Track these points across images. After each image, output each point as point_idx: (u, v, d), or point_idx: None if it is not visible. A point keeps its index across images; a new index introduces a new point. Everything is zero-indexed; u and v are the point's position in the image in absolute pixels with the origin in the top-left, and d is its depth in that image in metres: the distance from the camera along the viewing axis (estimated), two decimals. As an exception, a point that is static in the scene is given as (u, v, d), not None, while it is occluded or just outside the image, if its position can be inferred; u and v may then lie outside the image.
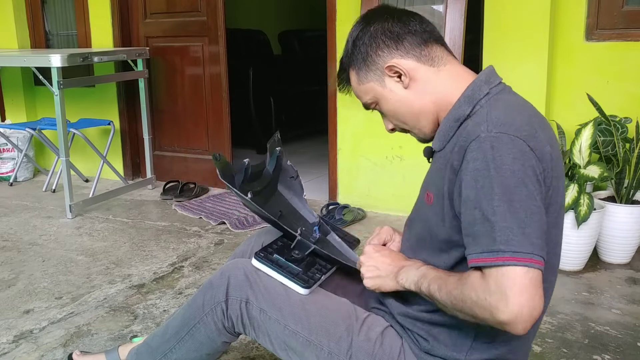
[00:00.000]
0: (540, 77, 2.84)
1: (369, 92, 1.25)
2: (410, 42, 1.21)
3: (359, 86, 1.27)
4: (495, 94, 1.18)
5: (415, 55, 1.21)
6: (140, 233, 3.11)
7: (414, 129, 1.27)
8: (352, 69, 1.26)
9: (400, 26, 1.21)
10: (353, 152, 3.41)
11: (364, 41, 1.23)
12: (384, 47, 1.21)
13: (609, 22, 2.78)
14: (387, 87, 1.22)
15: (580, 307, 2.19)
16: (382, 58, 1.21)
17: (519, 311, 0.96)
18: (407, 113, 1.23)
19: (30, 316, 2.21)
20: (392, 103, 1.23)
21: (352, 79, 1.28)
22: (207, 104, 3.91)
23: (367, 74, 1.24)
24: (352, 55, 1.25)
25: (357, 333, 1.23)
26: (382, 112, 1.28)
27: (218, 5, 3.71)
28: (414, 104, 1.22)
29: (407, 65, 1.20)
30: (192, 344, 1.36)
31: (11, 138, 4.11)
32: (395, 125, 1.28)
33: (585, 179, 2.40)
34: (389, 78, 1.22)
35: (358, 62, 1.24)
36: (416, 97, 1.21)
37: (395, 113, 1.25)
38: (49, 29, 4.46)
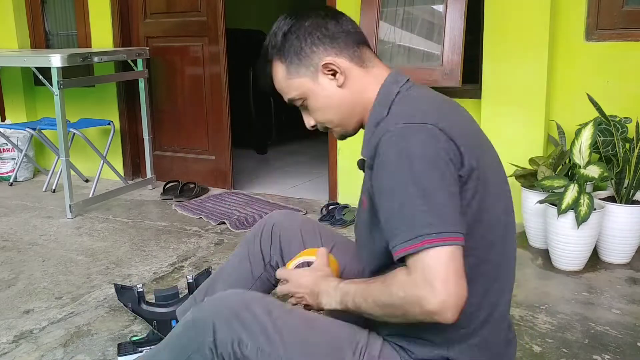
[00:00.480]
0: (540, 77, 2.84)
1: (299, 87, 1.25)
2: (345, 42, 1.23)
3: (288, 81, 1.25)
4: (406, 90, 1.20)
5: (348, 55, 1.23)
6: (140, 233, 3.11)
7: (337, 127, 1.28)
8: (280, 62, 1.25)
9: (335, 24, 1.23)
10: (353, 152, 3.39)
11: (298, 35, 1.22)
12: (320, 44, 1.22)
13: (609, 22, 2.78)
14: (320, 83, 1.23)
15: (580, 307, 2.19)
16: (317, 54, 1.22)
17: (446, 300, 0.98)
18: (336, 111, 1.25)
19: (30, 316, 2.21)
20: (323, 99, 1.24)
21: (279, 72, 1.26)
22: (207, 104, 3.91)
23: (298, 68, 1.23)
24: (283, 48, 1.23)
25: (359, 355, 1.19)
26: (307, 108, 1.28)
27: (218, 5, 3.71)
28: (344, 102, 1.24)
29: (342, 63, 1.22)
30: None
31: (11, 138, 4.11)
32: (319, 122, 1.29)
33: (585, 179, 2.40)
34: (323, 75, 1.22)
35: (289, 56, 1.23)
36: (347, 96, 1.23)
37: (323, 110, 1.26)
38: (49, 29, 4.46)
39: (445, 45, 2.95)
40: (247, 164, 4.69)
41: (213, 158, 3.95)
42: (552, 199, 2.47)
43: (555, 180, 2.47)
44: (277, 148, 5.26)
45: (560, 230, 2.46)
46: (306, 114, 1.31)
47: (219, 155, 3.92)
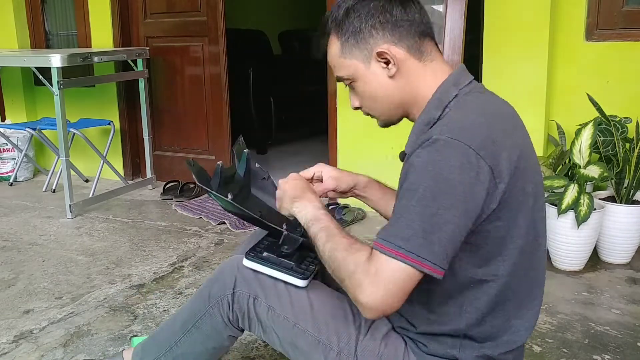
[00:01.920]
0: (540, 77, 2.84)
1: (349, 68, 1.19)
2: (407, 31, 1.16)
3: (340, 59, 1.20)
4: (463, 95, 1.15)
5: (408, 46, 1.16)
6: (140, 233, 3.11)
7: (382, 116, 1.25)
8: (337, 38, 1.19)
9: (401, 11, 1.16)
10: (353, 152, 3.40)
11: (360, 14, 1.16)
12: (380, 29, 1.15)
13: (609, 22, 2.78)
14: (372, 69, 1.18)
15: (580, 307, 2.19)
16: (374, 39, 1.15)
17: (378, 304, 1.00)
18: (383, 100, 1.20)
19: (30, 316, 2.21)
20: (372, 87, 1.19)
21: (333, 47, 1.20)
22: (207, 104, 3.91)
23: (353, 49, 1.17)
24: (342, 25, 1.17)
25: (364, 333, 1.23)
26: (355, 89, 1.23)
27: (218, 5, 3.71)
28: (393, 93, 1.19)
29: (399, 54, 1.16)
30: (198, 337, 1.34)
31: (11, 138, 4.11)
32: (364, 106, 1.24)
33: (585, 179, 2.40)
34: (376, 62, 1.17)
35: (347, 34, 1.17)
36: (397, 88, 1.18)
37: (370, 97, 1.21)
38: (49, 29, 4.45)
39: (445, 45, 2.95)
40: (247, 164, 4.68)
41: (213, 158, 3.94)
42: (552, 199, 2.47)
43: (555, 180, 2.47)
44: (277, 148, 5.25)
45: (560, 230, 2.46)
46: (353, 95, 1.25)
47: (219, 155, 3.92)
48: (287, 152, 5.15)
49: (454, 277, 1.10)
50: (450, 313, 1.15)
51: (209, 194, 1.35)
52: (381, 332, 1.24)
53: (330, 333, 1.22)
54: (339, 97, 3.35)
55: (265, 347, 1.92)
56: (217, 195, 1.32)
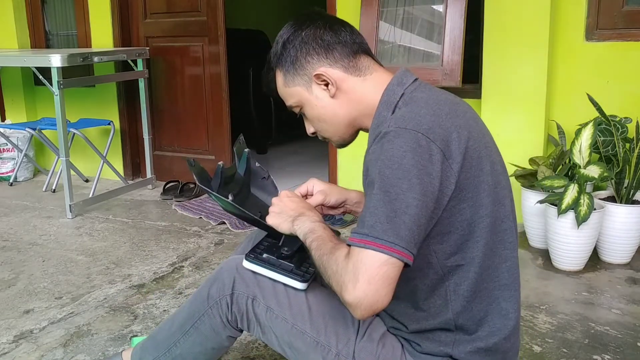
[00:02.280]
0: (540, 77, 2.84)
1: (294, 95, 1.28)
2: (340, 52, 1.24)
3: (285, 88, 1.29)
4: (410, 92, 1.19)
5: (343, 66, 1.24)
6: (140, 233, 3.11)
7: (334, 136, 1.31)
8: (279, 70, 1.28)
9: (332, 35, 1.24)
10: (353, 152, 3.40)
11: (294, 45, 1.24)
12: (314, 54, 1.24)
13: (609, 22, 2.78)
14: (314, 93, 1.25)
15: (580, 307, 2.19)
16: (311, 65, 1.24)
17: (362, 298, 1.00)
18: (331, 120, 1.27)
19: (30, 316, 2.21)
20: (317, 109, 1.26)
21: (279, 79, 1.29)
22: (207, 104, 3.91)
23: (295, 77, 1.26)
24: (281, 57, 1.26)
25: (362, 335, 1.24)
26: (306, 116, 1.31)
27: (218, 5, 3.71)
28: (338, 112, 1.25)
29: (335, 75, 1.23)
30: (197, 337, 1.35)
31: (11, 138, 4.11)
32: (317, 130, 1.31)
33: (585, 179, 2.40)
34: (316, 85, 1.24)
35: (286, 65, 1.26)
36: (341, 106, 1.25)
37: (319, 119, 1.28)
38: (49, 29, 4.46)
39: (445, 45, 2.95)
40: (247, 164, 4.69)
41: (213, 158, 3.94)
42: (552, 199, 2.47)
43: (555, 180, 2.47)
44: (277, 148, 5.26)
45: (560, 230, 2.46)
46: (306, 122, 1.33)
47: (219, 155, 3.92)
48: (287, 152, 5.15)
49: (433, 269, 1.14)
50: (437, 305, 1.17)
51: (209, 194, 1.35)
52: (379, 333, 1.25)
53: (329, 334, 1.23)
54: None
55: (265, 347, 1.92)
56: (217, 196, 1.32)
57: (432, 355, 1.20)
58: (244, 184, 1.55)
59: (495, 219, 1.15)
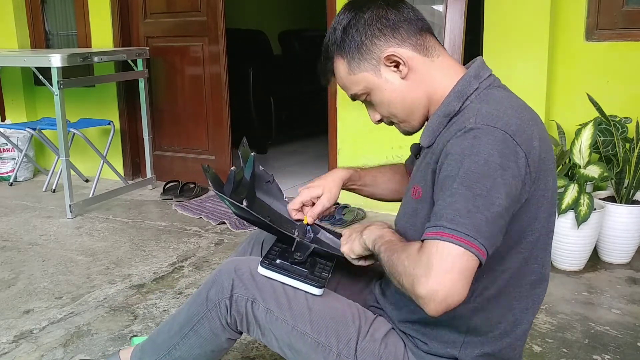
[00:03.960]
0: (540, 77, 2.84)
1: (361, 82, 1.21)
2: (407, 30, 1.17)
3: (350, 76, 1.22)
4: (484, 88, 1.16)
5: (411, 44, 1.17)
6: (140, 233, 3.11)
7: (403, 122, 1.24)
8: (341, 58, 1.21)
9: (396, 13, 1.18)
10: (353, 152, 3.40)
11: (358, 29, 1.18)
12: (381, 36, 1.17)
13: (609, 22, 2.78)
14: (383, 76, 1.19)
15: (580, 307, 2.19)
16: (378, 47, 1.17)
17: (436, 290, 0.94)
18: (401, 104, 1.20)
19: (30, 316, 2.21)
20: (387, 93, 1.20)
21: (341, 68, 1.22)
22: (207, 104, 3.91)
23: (361, 63, 1.19)
24: (343, 44, 1.19)
25: (364, 335, 1.23)
26: (372, 103, 1.24)
27: (218, 5, 3.71)
28: (409, 94, 1.19)
29: (405, 53, 1.17)
30: (196, 340, 1.34)
31: (11, 138, 4.11)
32: (384, 116, 1.25)
33: (585, 179, 2.40)
34: (386, 67, 1.18)
35: (350, 51, 1.19)
36: (412, 88, 1.19)
37: (388, 104, 1.21)
38: (49, 29, 4.46)
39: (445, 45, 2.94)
40: (247, 164, 4.68)
41: (213, 158, 3.94)
42: (552, 199, 2.46)
43: (555, 180, 2.47)
44: (277, 148, 5.25)
45: (560, 230, 2.46)
46: (371, 109, 1.27)
47: (219, 155, 3.92)
48: (287, 152, 5.15)
49: None
50: None
51: (222, 199, 1.34)
52: (381, 332, 1.24)
53: (330, 335, 1.22)
54: (339, 97, 3.35)
55: (264, 347, 1.92)
56: (231, 202, 1.31)
57: (437, 356, 1.19)
58: (251, 188, 1.53)
59: (541, 235, 1.14)
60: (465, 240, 0.95)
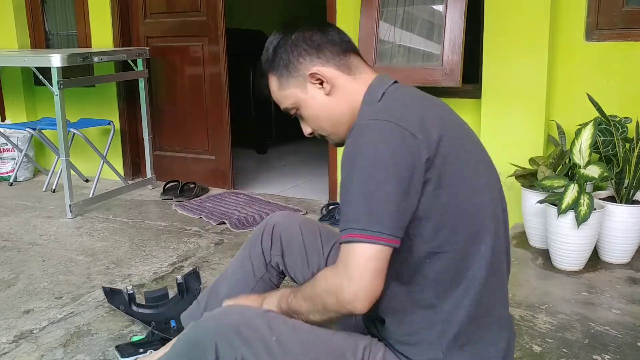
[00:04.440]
0: (540, 77, 2.84)
1: (290, 97, 1.30)
2: (330, 51, 1.27)
3: (280, 91, 1.31)
4: (390, 92, 1.22)
5: (335, 64, 1.27)
6: (140, 233, 3.11)
7: (331, 135, 1.33)
8: (272, 75, 1.31)
9: (321, 35, 1.28)
10: (353, 152, 3.40)
11: (285, 48, 1.28)
12: (306, 55, 1.27)
13: (609, 22, 2.78)
14: (309, 93, 1.28)
15: (580, 307, 2.19)
16: (304, 65, 1.27)
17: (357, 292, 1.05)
18: (327, 118, 1.29)
19: (30, 316, 2.21)
20: (314, 109, 1.29)
21: (273, 84, 1.32)
22: (207, 104, 3.91)
23: (289, 80, 1.28)
24: (273, 62, 1.29)
25: None
26: (302, 117, 1.33)
27: (218, 5, 3.71)
28: (334, 109, 1.28)
29: (329, 72, 1.26)
30: None
31: (11, 138, 4.11)
32: (314, 129, 1.33)
33: (585, 179, 2.40)
34: (311, 85, 1.27)
35: (279, 69, 1.29)
36: (336, 104, 1.27)
37: (316, 118, 1.30)
38: (49, 29, 4.46)
39: (445, 45, 2.95)
40: (247, 164, 4.69)
41: (213, 158, 3.95)
42: (552, 199, 2.47)
43: (555, 180, 2.47)
44: (277, 148, 5.26)
45: (560, 230, 2.45)
46: (303, 123, 1.35)
47: (219, 155, 3.92)
48: (287, 152, 5.15)
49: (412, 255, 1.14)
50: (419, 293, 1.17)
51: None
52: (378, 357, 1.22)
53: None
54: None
55: None
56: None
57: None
58: None
59: (474, 207, 1.16)
60: (373, 236, 1.04)
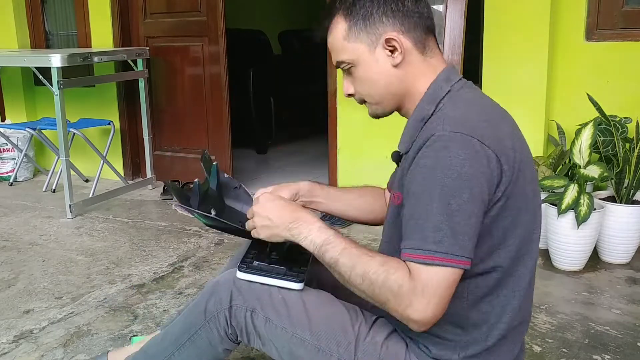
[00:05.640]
0: (540, 77, 2.84)
1: (353, 52, 1.18)
2: (416, 23, 1.17)
3: (344, 41, 1.18)
4: (456, 90, 1.16)
5: (414, 38, 1.17)
6: (140, 233, 3.11)
7: (376, 104, 1.23)
8: (344, 20, 1.18)
9: (412, 3, 1.17)
10: (353, 152, 3.40)
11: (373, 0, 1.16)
12: (391, 16, 1.15)
13: (609, 22, 2.78)
14: (376, 55, 1.17)
15: (580, 307, 2.19)
16: (384, 25, 1.15)
17: (430, 319, 1.02)
18: (382, 89, 1.20)
19: (30, 316, 2.21)
20: (373, 73, 1.18)
21: (339, 30, 1.19)
22: (207, 104, 3.91)
23: (361, 33, 1.16)
24: (353, 7, 1.17)
25: (363, 338, 1.22)
26: (354, 76, 1.22)
27: (218, 5, 3.70)
28: (394, 83, 1.19)
29: (406, 43, 1.16)
30: (193, 351, 1.32)
31: (11, 138, 4.11)
32: (359, 93, 1.23)
33: (585, 179, 2.40)
34: (382, 49, 1.17)
35: (356, 17, 1.16)
36: (398, 78, 1.18)
37: (370, 84, 1.20)
38: (49, 29, 4.46)
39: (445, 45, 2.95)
40: (247, 164, 4.69)
41: (213, 158, 3.94)
42: (552, 199, 2.47)
43: (555, 180, 2.47)
44: (277, 148, 5.26)
45: (560, 230, 2.46)
46: (348, 80, 1.24)
47: (219, 155, 3.92)
48: (287, 152, 5.15)
49: None
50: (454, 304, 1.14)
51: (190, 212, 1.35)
52: (382, 335, 1.23)
53: (330, 339, 1.21)
54: (339, 97, 3.35)
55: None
56: (199, 213, 1.32)
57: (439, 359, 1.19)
58: (219, 197, 1.54)
59: (528, 229, 1.15)
60: (455, 260, 1.01)
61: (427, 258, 1.01)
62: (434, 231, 1.01)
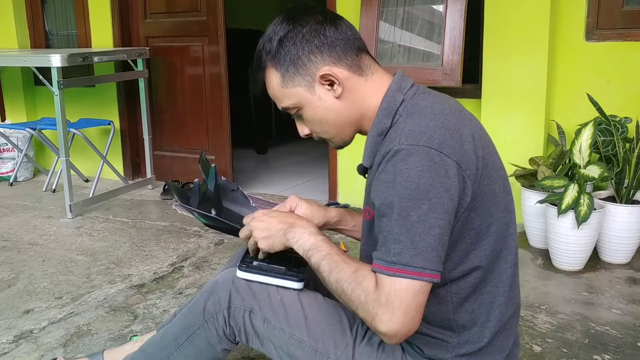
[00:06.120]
0: (540, 77, 2.84)
1: (293, 96, 1.18)
2: (343, 49, 1.16)
3: (282, 89, 1.19)
4: (410, 99, 1.15)
5: (347, 64, 1.16)
6: (140, 233, 3.11)
7: (335, 138, 1.24)
8: (274, 70, 1.18)
9: (334, 31, 1.16)
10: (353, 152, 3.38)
11: (294, 42, 1.15)
12: (317, 52, 1.15)
13: (609, 22, 2.78)
14: (317, 94, 1.17)
15: (580, 307, 2.19)
16: (314, 63, 1.15)
17: (399, 329, 1.01)
18: (334, 122, 1.20)
19: (30, 316, 2.21)
20: (320, 111, 1.19)
21: (273, 80, 1.19)
22: (207, 104, 3.91)
23: (295, 77, 1.16)
24: (278, 55, 1.17)
25: (360, 339, 1.23)
26: (303, 118, 1.23)
27: (218, 5, 3.71)
28: (342, 113, 1.19)
29: (341, 73, 1.16)
30: (192, 350, 1.33)
31: (11, 138, 4.11)
32: (315, 132, 1.24)
33: (585, 178, 2.40)
34: (320, 85, 1.16)
35: (285, 64, 1.16)
36: (345, 107, 1.18)
37: (320, 121, 1.21)
38: (49, 29, 4.46)
39: (445, 45, 2.95)
40: (247, 164, 4.69)
41: (213, 158, 3.95)
42: (552, 199, 2.47)
43: (555, 180, 2.47)
44: (277, 148, 5.26)
45: (560, 230, 2.46)
46: (300, 123, 1.26)
47: (219, 155, 3.92)
48: (287, 152, 5.15)
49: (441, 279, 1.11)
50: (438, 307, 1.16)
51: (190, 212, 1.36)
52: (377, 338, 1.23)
53: (327, 341, 1.22)
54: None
55: (265, 347, 1.92)
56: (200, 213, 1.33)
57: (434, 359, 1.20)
58: (217, 199, 1.56)
59: (502, 225, 1.15)
60: (418, 272, 1.00)
61: (389, 270, 1.01)
62: (395, 243, 1.02)
